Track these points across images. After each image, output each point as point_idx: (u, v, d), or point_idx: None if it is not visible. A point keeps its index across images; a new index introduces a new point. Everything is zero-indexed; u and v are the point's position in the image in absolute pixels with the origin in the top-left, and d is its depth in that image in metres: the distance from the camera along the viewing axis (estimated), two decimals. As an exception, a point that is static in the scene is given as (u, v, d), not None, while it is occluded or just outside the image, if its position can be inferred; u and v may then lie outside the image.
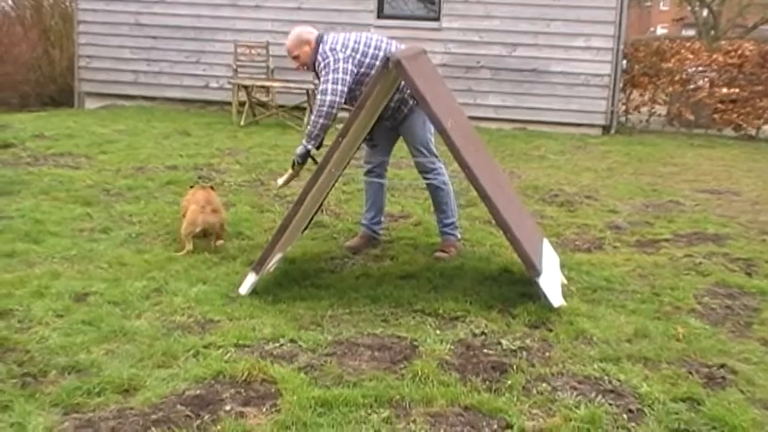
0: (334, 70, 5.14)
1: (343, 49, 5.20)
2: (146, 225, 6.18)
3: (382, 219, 6.00)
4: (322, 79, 5.21)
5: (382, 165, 5.80)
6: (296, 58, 5.40)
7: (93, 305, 4.44)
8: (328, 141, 4.86)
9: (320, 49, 5.27)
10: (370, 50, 5.26)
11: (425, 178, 5.68)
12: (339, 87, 5.11)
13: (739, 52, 13.30)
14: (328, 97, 5.10)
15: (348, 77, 5.16)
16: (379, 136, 5.66)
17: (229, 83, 12.54)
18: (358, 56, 5.22)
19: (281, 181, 5.48)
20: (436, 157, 5.60)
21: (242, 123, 11.70)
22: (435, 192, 5.70)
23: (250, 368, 3.63)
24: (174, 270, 5.13)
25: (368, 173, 5.81)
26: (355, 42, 5.26)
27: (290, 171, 5.38)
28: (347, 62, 5.17)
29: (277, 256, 4.94)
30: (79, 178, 7.56)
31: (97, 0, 13.81)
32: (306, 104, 11.75)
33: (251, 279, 4.67)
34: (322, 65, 5.22)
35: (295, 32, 5.43)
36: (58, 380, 3.54)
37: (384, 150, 5.77)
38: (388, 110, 5.37)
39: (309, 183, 4.64)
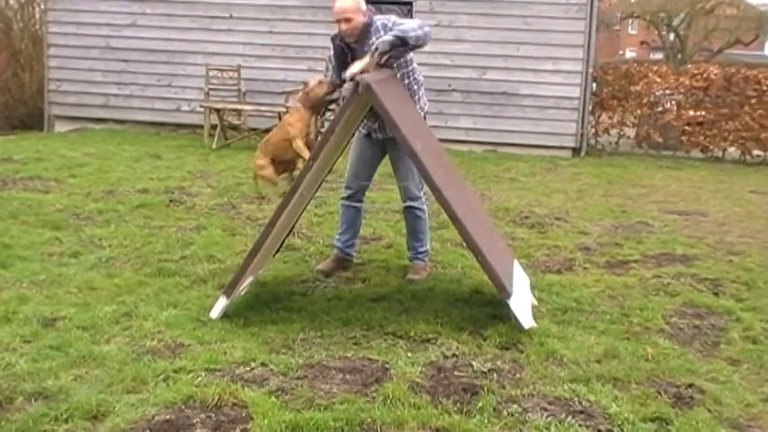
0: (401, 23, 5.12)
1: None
2: (116, 249, 6.14)
3: (356, 242, 6.00)
4: (396, 26, 5.08)
5: (362, 190, 5.80)
6: (348, 20, 5.24)
7: (61, 330, 4.40)
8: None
9: (377, 22, 5.24)
10: None
11: (409, 205, 5.67)
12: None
13: (705, 76, 13.52)
14: (420, 26, 5.03)
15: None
16: (367, 160, 5.67)
17: (201, 106, 12.52)
18: None
19: (355, 68, 4.89)
20: (423, 185, 5.56)
21: (213, 146, 11.68)
22: (415, 220, 5.71)
23: (221, 392, 3.61)
24: (145, 294, 5.10)
25: (348, 198, 5.78)
26: None
27: (368, 60, 4.92)
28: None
29: (248, 280, 4.93)
30: (48, 202, 7.50)
31: (68, 24, 13.78)
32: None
33: (222, 303, 4.65)
34: (389, 25, 5.15)
35: None
36: (24, 406, 3.50)
37: (368, 175, 5.77)
38: (376, 122, 5.35)
39: (281, 206, 4.65)
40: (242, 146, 11.90)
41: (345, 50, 5.34)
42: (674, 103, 13.91)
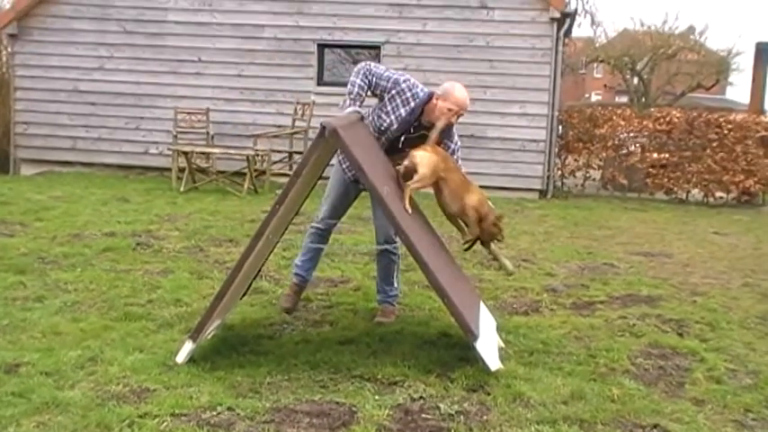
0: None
1: None
2: (82, 293, 6.08)
3: (313, 271, 5.96)
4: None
5: (333, 228, 5.79)
6: (459, 115, 5.45)
7: (24, 376, 4.33)
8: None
9: (455, 134, 5.60)
10: None
11: (385, 248, 5.65)
12: None
13: (668, 119, 13.81)
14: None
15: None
16: (348, 201, 5.69)
17: (169, 149, 12.53)
18: None
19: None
20: None
21: (182, 189, 11.66)
22: (389, 263, 5.72)
23: (186, 438, 3.59)
24: (111, 338, 5.05)
25: (318, 232, 5.68)
26: None
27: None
28: None
29: (215, 323, 4.91)
30: (13, 246, 7.43)
31: (35, 66, 13.79)
32: (246, 170, 11.78)
33: (188, 347, 4.62)
34: (457, 154, 5.66)
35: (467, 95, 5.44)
36: (-14, 454, 3.45)
37: (344, 211, 5.79)
38: None
39: (247, 249, 4.65)
40: (210, 189, 11.90)
41: (412, 122, 5.36)
42: (638, 145, 14.18)
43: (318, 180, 5.49)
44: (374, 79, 5.28)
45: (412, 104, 5.28)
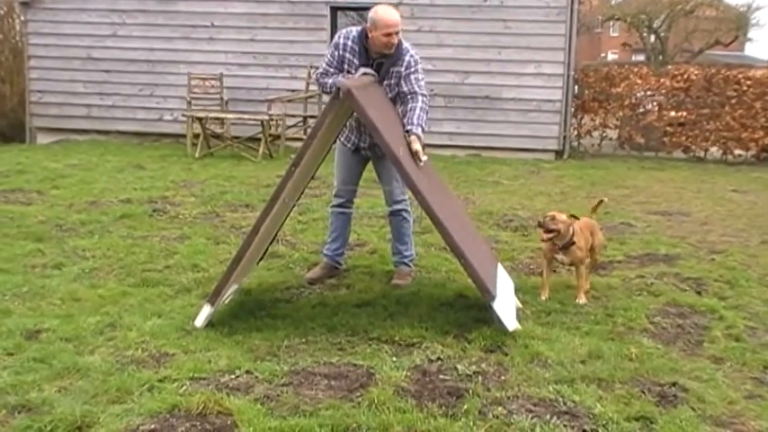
0: (423, 79, 5.28)
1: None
2: (99, 260, 6.12)
3: (345, 250, 6.00)
4: (418, 82, 5.24)
5: (352, 196, 5.80)
6: (398, 33, 5.21)
7: (45, 342, 4.37)
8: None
9: (408, 49, 5.29)
10: None
11: (395, 208, 5.67)
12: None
13: (685, 76, 13.62)
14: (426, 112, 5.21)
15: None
16: (354, 168, 5.67)
17: (183, 115, 12.50)
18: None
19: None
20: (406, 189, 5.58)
21: (197, 155, 11.66)
22: (400, 223, 5.72)
23: (206, 401, 3.61)
24: (129, 304, 5.08)
25: (338, 205, 5.76)
26: None
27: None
28: None
29: (232, 288, 4.93)
30: (31, 214, 7.47)
31: (48, 35, 13.74)
32: (260, 135, 11.76)
33: (206, 311, 4.64)
34: (414, 67, 5.25)
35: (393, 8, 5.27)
36: (8, 419, 3.48)
37: (355, 181, 5.76)
38: (367, 143, 5.41)
39: (263, 213, 4.64)
40: (225, 154, 11.89)
41: (370, 64, 5.27)
42: (655, 104, 14.01)
43: (334, 143, 5.47)
44: (327, 67, 5.31)
45: (356, 48, 5.24)
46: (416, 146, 4.90)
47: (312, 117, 12.64)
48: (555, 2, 12.72)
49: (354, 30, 5.30)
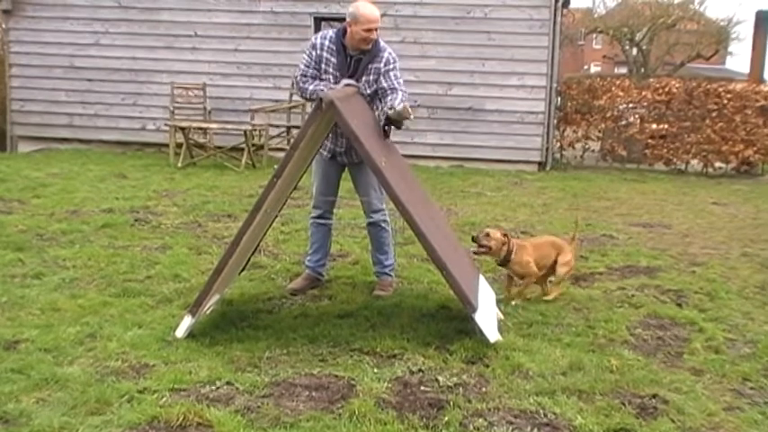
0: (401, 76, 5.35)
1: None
2: (80, 269, 6.08)
3: (327, 261, 5.99)
4: (397, 79, 5.31)
5: (330, 207, 5.79)
6: (377, 30, 5.30)
7: (23, 353, 4.34)
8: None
9: (386, 47, 5.37)
10: None
11: (372, 217, 5.68)
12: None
13: (667, 89, 13.72)
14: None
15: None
16: (332, 179, 5.67)
17: (166, 125, 12.47)
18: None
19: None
20: (384, 197, 5.60)
21: (179, 165, 11.62)
22: (379, 232, 5.73)
23: (185, 412, 3.59)
24: (109, 314, 5.05)
25: (318, 216, 5.77)
26: None
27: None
28: None
29: (214, 298, 4.91)
30: (11, 223, 7.42)
31: (30, 43, 13.68)
32: (243, 145, 11.74)
33: (187, 322, 4.62)
34: (393, 64, 5.32)
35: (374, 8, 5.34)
36: (-15, 431, 3.46)
37: (333, 192, 5.76)
38: (347, 148, 5.41)
39: (245, 223, 4.63)
40: (208, 164, 11.87)
41: (348, 61, 5.34)
42: (637, 116, 14.10)
43: (317, 153, 5.47)
44: (305, 68, 5.35)
45: (333, 47, 5.30)
46: (402, 105, 5.01)
47: (295, 127, 12.63)
48: (538, 14, 12.80)
49: (331, 31, 5.41)
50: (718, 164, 13.62)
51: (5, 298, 5.29)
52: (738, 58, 50.59)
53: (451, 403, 3.83)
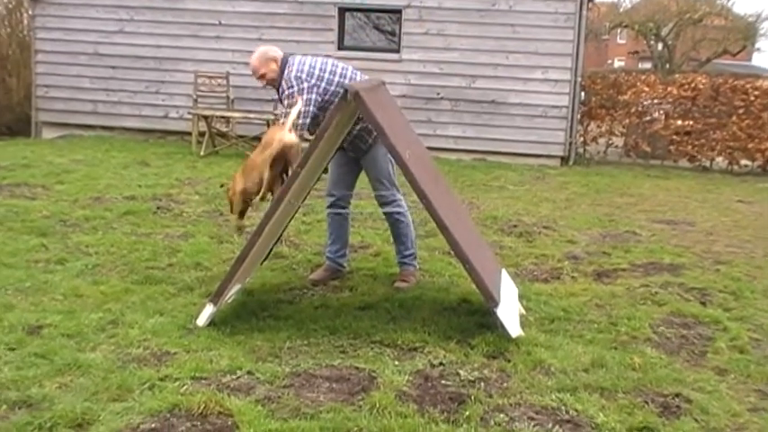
0: (296, 90, 5.22)
1: (309, 78, 5.24)
2: (102, 256, 6.10)
3: (347, 252, 5.98)
4: (291, 98, 5.22)
5: (345, 198, 5.78)
6: (262, 76, 5.42)
7: (46, 338, 4.36)
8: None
9: (285, 75, 5.31)
10: (336, 78, 5.31)
11: (385, 210, 5.69)
12: (300, 121, 5.13)
13: (693, 85, 13.59)
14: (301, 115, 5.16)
15: (312, 108, 5.19)
16: (343, 168, 5.66)
17: (189, 113, 12.50)
18: (323, 84, 5.27)
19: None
20: (397, 189, 5.62)
21: (202, 154, 11.66)
22: (395, 224, 5.72)
23: (206, 401, 3.59)
24: (131, 302, 5.07)
25: (331, 206, 5.78)
26: (320, 70, 5.32)
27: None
28: (311, 92, 5.21)
29: (235, 288, 4.91)
30: (35, 209, 7.46)
31: (55, 29, 13.73)
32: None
33: (208, 310, 4.63)
34: (287, 92, 5.24)
35: (260, 51, 5.49)
36: (8, 415, 3.47)
37: (347, 183, 5.75)
38: (350, 140, 5.39)
39: (268, 214, 4.63)
40: (230, 153, 11.89)
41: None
42: (662, 112, 13.98)
43: (341, 145, 5.45)
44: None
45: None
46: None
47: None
48: (563, 8, 12.70)
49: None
50: (743, 161, 13.48)
51: (29, 283, 5.32)
52: (766, 55, 49.99)
53: (472, 398, 3.81)
